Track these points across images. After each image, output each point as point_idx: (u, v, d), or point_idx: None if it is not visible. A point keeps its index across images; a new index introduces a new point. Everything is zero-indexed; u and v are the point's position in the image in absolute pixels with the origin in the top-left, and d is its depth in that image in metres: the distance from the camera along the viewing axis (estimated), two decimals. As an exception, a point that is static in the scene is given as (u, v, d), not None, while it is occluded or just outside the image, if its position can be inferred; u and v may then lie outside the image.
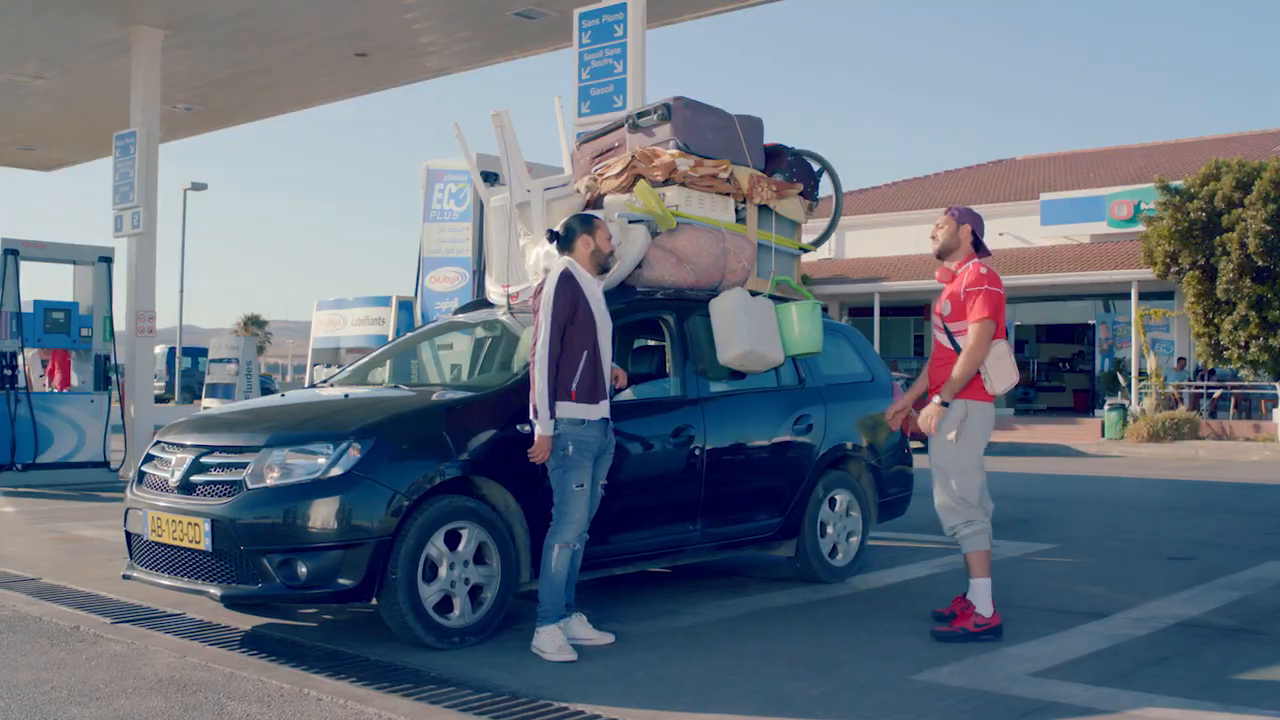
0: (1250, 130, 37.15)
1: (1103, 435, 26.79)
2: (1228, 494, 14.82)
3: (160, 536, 5.97)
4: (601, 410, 5.98)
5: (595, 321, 6.01)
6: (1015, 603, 6.95)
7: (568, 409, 5.88)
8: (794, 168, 8.27)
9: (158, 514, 5.99)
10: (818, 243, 8.64)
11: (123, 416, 15.85)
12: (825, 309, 8.10)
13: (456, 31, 16.92)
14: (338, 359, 12.75)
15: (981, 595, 6.27)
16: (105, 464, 15.03)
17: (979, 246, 6.53)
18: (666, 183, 7.40)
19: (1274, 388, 25.42)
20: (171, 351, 46.58)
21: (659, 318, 7.34)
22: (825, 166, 8.47)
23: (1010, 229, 32.00)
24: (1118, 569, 8.54)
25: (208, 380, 17.08)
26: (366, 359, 7.96)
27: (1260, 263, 22.28)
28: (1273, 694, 5.14)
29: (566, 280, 5.97)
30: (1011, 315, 32.62)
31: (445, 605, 5.88)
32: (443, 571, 5.84)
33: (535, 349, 5.90)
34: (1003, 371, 6.34)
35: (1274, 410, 25.84)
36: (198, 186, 45.20)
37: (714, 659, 5.74)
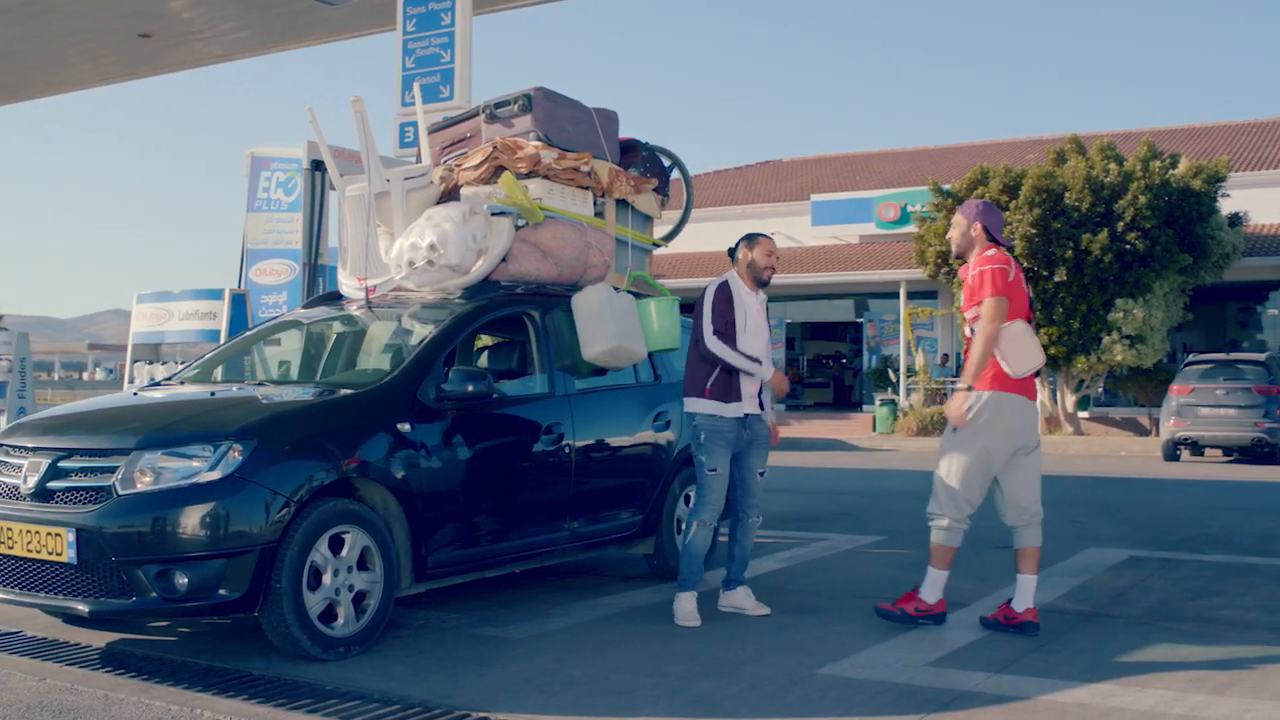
0: (1007, 138, 39.17)
1: (874, 429, 27.78)
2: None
3: (11, 549, 5.45)
4: (733, 410, 6.55)
5: (740, 330, 6.57)
6: (875, 595, 7.06)
7: (701, 404, 6.57)
8: (648, 163, 8.26)
9: (7, 524, 5.46)
10: (669, 237, 8.63)
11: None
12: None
13: (245, 14, 16.24)
14: (158, 355, 12.02)
15: (931, 582, 6.36)
16: None
17: (997, 242, 6.25)
18: (530, 175, 7.26)
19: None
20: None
21: (524, 313, 7.16)
22: (676, 162, 8.49)
23: (782, 229, 32.75)
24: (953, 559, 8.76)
25: (-28, 378, 15.88)
26: (213, 353, 7.49)
27: (1025, 264, 23.46)
28: (1158, 672, 5.37)
29: (720, 290, 6.66)
30: (782, 313, 33.48)
31: (328, 614, 5.58)
32: (327, 579, 5.54)
33: (704, 340, 6.58)
34: (1019, 352, 6.02)
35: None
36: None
37: (610, 660, 5.62)
